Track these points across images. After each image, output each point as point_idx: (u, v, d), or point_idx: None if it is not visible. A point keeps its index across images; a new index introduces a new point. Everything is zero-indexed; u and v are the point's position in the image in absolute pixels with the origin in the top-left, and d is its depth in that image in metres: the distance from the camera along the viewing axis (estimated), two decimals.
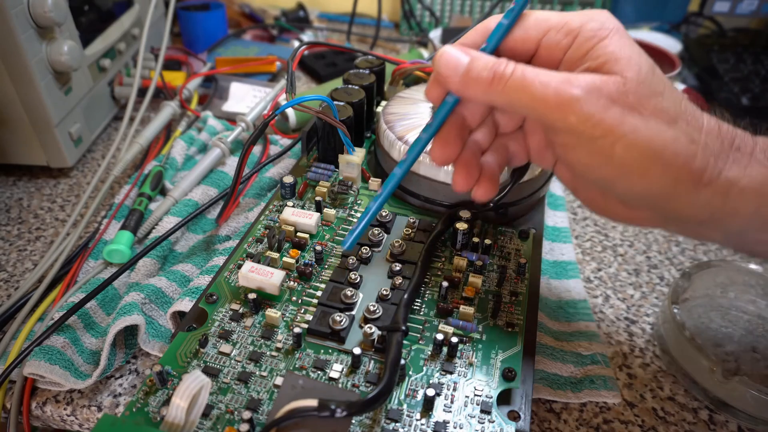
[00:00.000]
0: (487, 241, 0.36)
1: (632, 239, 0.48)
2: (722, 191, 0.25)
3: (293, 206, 0.39)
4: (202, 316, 0.32)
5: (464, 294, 0.33)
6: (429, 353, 0.30)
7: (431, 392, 0.27)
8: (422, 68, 0.49)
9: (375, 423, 0.27)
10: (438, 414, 0.27)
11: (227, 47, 0.79)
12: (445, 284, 0.33)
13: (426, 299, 0.33)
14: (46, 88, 0.48)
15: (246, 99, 0.65)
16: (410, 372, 0.29)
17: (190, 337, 0.30)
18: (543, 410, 0.34)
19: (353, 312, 0.32)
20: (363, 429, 0.26)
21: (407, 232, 0.37)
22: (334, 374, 0.29)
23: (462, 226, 0.36)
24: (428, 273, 0.35)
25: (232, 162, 0.52)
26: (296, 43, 0.83)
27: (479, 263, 0.35)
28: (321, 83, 0.72)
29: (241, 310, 0.32)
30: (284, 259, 0.35)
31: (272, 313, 0.31)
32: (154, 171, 0.49)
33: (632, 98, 0.25)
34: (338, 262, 0.35)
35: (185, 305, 0.34)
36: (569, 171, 0.31)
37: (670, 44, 0.73)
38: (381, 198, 0.31)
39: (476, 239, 0.36)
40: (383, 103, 0.51)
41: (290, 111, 0.57)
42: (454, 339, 0.30)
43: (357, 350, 0.29)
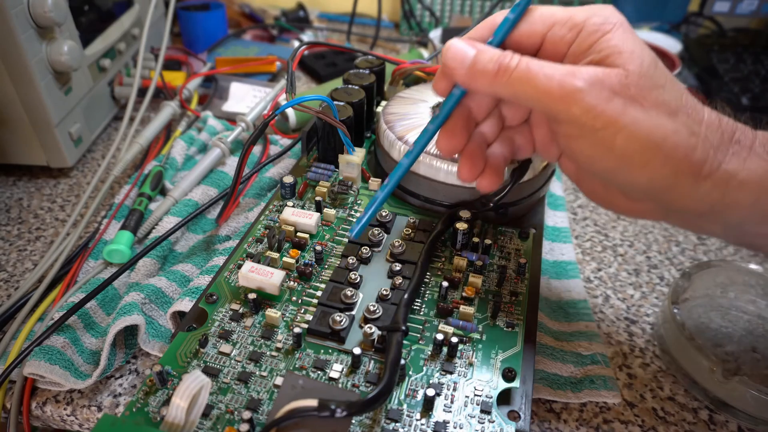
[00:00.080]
0: (487, 241, 0.36)
1: (632, 239, 0.48)
2: (722, 183, 0.26)
3: (293, 206, 0.39)
4: (202, 316, 0.32)
5: (464, 294, 0.33)
6: (429, 353, 0.30)
7: (431, 392, 0.27)
8: (422, 68, 0.49)
9: (375, 423, 0.27)
10: (438, 414, 0.27)
11: (227, 47, 0.79)
12: (445, 284, 0.33)
13: (426, 299, 0.33)
14: (46, 88, 0.48)
15: (246, 99, 0.65)
16: (410, 372, 0.29)
17: (190, 337, 0.30)
18: (543, 410, 0.34)
19: (353, 312, 0.32)
20: (363, 429, 0.26)
21: (407, 232, 0.37)
22: (334, 374, 0.29)
23: (462, 226, 0.36)
24: (428, 273, 0.35)
25: (232, 162, 0.52)
26: (296, 43, 0.83)
27: (479, 263, 0.35)
28: (321, 83, 0.72)
29: (241, 310, 0.32)
30: (284, 259, 0.35)
31: (272, 313, 0.31)
32: (154, 171, 0.49)
33: (634, 90, 0.25)
34: (338, 262, 0.35)
35: (185, 305, 0.34)
36: (573, 164, 0.31)
37: (670, 44, 0.73)
38: (389, 186, 0.31)
39: (476, 239, 0.36)
40: (383, 103, 0.51)
41: (290, 111, 0.57)
42: (454, 339, 0.30)
43: (357, 350, 0.29)
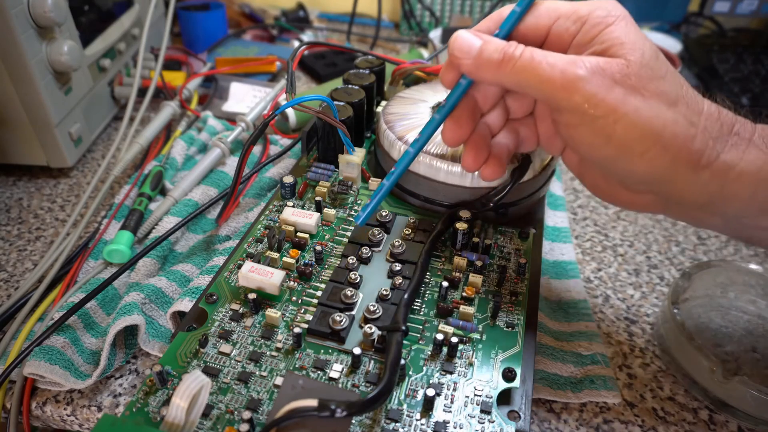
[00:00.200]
0: (487, 241, 0.36)
1: (632, 239, 0.48)
2: (720, 174, 0.26)
3: (293, 206, 0.39)
4: (202, 316, 0.32)
5: (464, 294, 0.33)
6: (429, 353, 0.30)
7: (431, 392, 0.27)
8: (422, 68, 0.49)
9: (375, 423, 0.27)
10: (438, 414, 0.27)
11: (227, 47, 0.79)
12: (445, 284, 0.33)
13: (426, 299, 0.33)
14: (46, 88, 0.48)
15: (246, 99, 0.65)
16: (410, 372, 0.29)
17: (190, 337, 0.30)
18: (543, 410, 0.34)
19: (353, 312, 0.32)
20: (363, 429, 0.26)
21: (407, 232, 0.37)
22: (334, 374, 0.29)
23: (462, 226, 0.36)
24: (428, 273, 0.35)
25: (232, 162, 0.52)
26: (296, 43, 0.83)
27: (479, 263, 0.35)
28: (321, 83, 0.72)
29: (241, 310, 0.32)
30: (284, 259, 0.35)
31: (272, 313, 0.31)
32: (154, 171, 0.49)
33: (634, 80, 0.26)
34: (338, 262, 0.35)
35: (185, 305, 0.34)
36: (576, 155, 0.32)
37: (670, 44, 0.73)
38: (395, 174, 0.32)
39: (476, 239, 0.36)
40: (383, 103, 0.51)
41: (290, 111, 0.57)
42: (454, 339, 0.30)
43: (357, 350, 0.29)
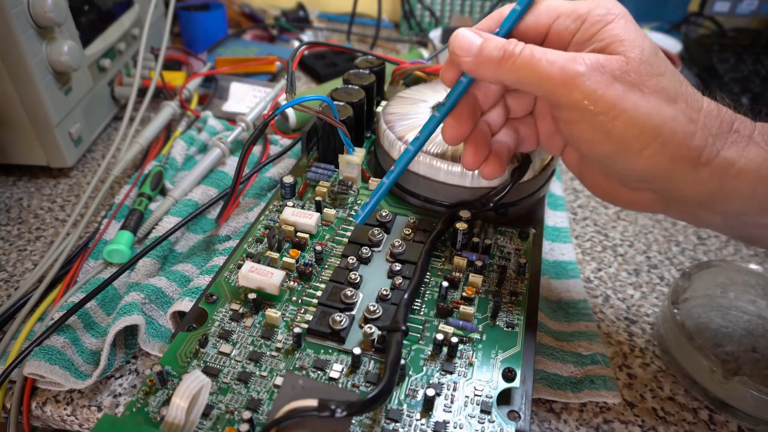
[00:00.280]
0: (487, 241, 0.36)
1: (632, 239, 0.48)
2: (720, 171, 0.26)
3: (293, 206, 0.39)
4: (202, 316, 0.32)
5: (464, 294, 0.33)
6: (429, 353, 0.30)
7: (431, 392, 0.27)
8: (422, 68, 0.49)
9: (375, 423, 0.27)
10: (438, 414, 0.27)
11: (227, 47, 0.79)
12: (445, 284, 0.33)
13: (426, 299, 0.33)
14: (46, 88, 0.48)
15: (246, 99, 0.65)
16: (410, 372, 0.29)
17: (190, 337, 0.30)
18: (543, 410, 0.34)
19: (353, 312, 0.32)
20: (363, 429, 0.26)
21: (407, 232, 0.37)
22: (334, 374, 0.29)
23: (462, 226, 0.36)
24: (428, 273, 0.35)
25: (232, 162, 0.52)
26: (296, 43, 0.83)
27: (479, 263, 0.35)
28: (321, 83, 0.72)
29: (241, 310, 0.32)
30: (284, 259, 0.35)
31: (272, 313, 0.31)
32: (154, 171, 0.49)
33: (634, 76, 0.26)
34: (338, 262, 0.35)
35: (185, 305, 0.34)
36: (575, 154, 0.32)
37: (670, 44, 0.73)
38: (395, 172, 0.32)
39: (476, 239, 0.36)
40: (383, 103, 0.51)
41: (290, 111, 0.57)
42: (454, 339, 0.30)
43: (357, 350, 0.29)
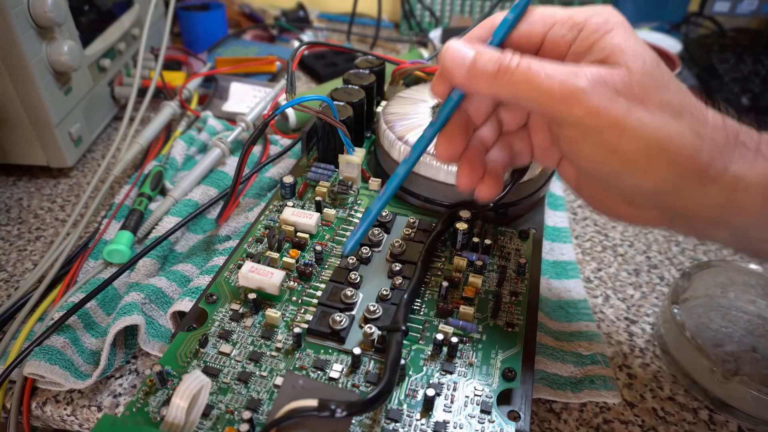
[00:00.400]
0: (487, 241, 0.36)
1: (632, 239, 0.48)
2: (729, 187, 0.25)
3: (293, 206, 0.39)
4: (202, 316, 0.32)
5: (464, 294, 0.33)
6: (429, 353, 0.30)
7: (431, 392, 0.27)
8: (422, 68, 0.49)
9: (375, 423, 0.27)
10: (438, 414, 0.27)
11: (227, 47, 0.79)
12: (445, 284, 0.33)
13: (426, 299, 0.33)
14: (46, 88, 0.48)
15: (246, 99, 0.65)
16: (410, 372, 0.29)
17: (190, 337, 0.30)
18: (543, 410, 0.34)
19: (353, 312, 0.32)
20: (363, 429, 0.26)
21: (407, 232, 0.37)
22: (334, 374, 0.29)
23: (462, 226, 0.36)
24: (428, 273, 0.35)
25: (232, 162, 0.52)
26: (296, 43, 0.83)
27: (479, 263, 0.35)
28: (321, 83, 0.72)
29: (241, 310, 0.32)
30: (284, 259, 0.35)
31: (272, 313, 0.31)
32: (154, 171, 0.49)
33: (637, 90, 0.25)
34: (338, 262, 0.35)
35: (185, 305, 0.34)
36: (573, 169, 0.31)
37: (670, 44, 0.73)
38: (383, 199, 0.30)
39: (476, 239, 0.36)
40: (383, 103, 0.51)
41: (290, 111, 0.57)
42: (454, 339, 0.30)
43: (357, 350, 0.29)
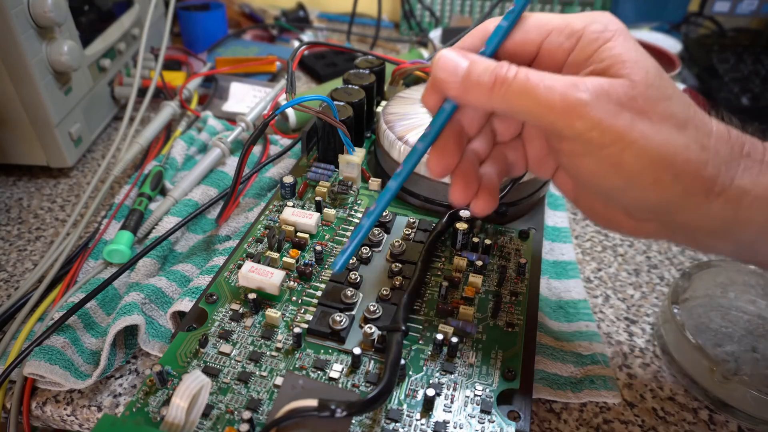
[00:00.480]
0: (487, 241, 0.36)
1: (632, 239, 0.48)
2: (734, 200, 0.25)
3: (293, 206, 0.39)
4: (202, 316, 0.32)
5: (464, 294, 0.33)
6: (429, 353, 0.30)
7: (431, 392, 0.27)
8: (422, 68, 0.49)
9: (375, 423, 0.27)
10: (438, 414, 0.27)
11: (227, 47, 0.79)
12: (445, 284, 0.33)
13: (426, 299, 0.33)
14: (46, 88, 0.48)
15: (246, 99, 0.65)
16: (410, 372, 0.29)
17: (190, 337, 0.30)
18: (543, 410, 0.34)
19: (353, 312, 0.32)
20: (363, 429, 0.26)
21: (407, 232, 0.37)
22: (334, 374, 0.29)
23: (462, 226, 0.36)
24: (428, 273, 0.35)
25: (232, 162, 0.52)
26: (296, 43, 0.83)
27: (479, 263, 0.35)
28: (321, 83, 0.72)
29: (241, 310, 0.32)
30: (284, 259, 0.35)
31: (272, 313, 0.31)
32: (154, 171, 0.49)
33: (641, 102, 0.24)
34: None
35: (185, 305, 0.34)
36: (570, 180, 0.30)
37: (670, 44, 0.73)
38: (374, 215, 0.29)
39: (476, 239, 0.36)
40: (383, 103, 0.51)
41: (290, 111, 0.57)
42: (454, 339, 0.30)
43: (357, 350, 0.29)
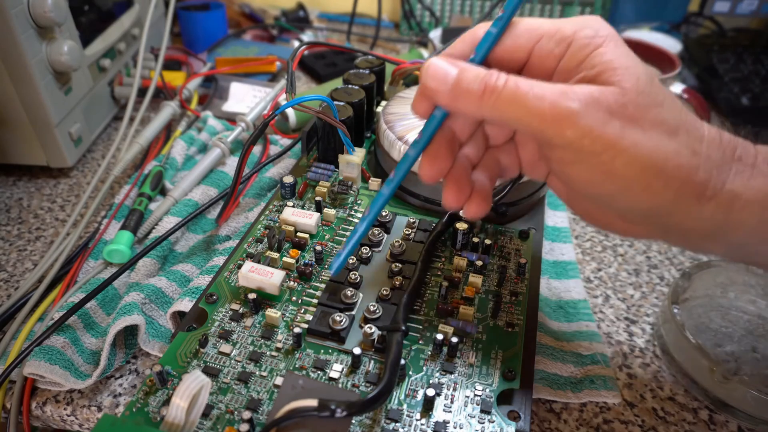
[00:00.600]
0: (487, 241, 0.36)
1: (632, 239, 0.48)
2: (726, 204, 0.25)
3: (293, 206, 0.39)
4: (202, 316, 0.32)
5: (464, 294, 0.33)
6: (429, 353, 0.30)
7: (431, 392, 0.27)
8: None
9: (375, 423, 0.27)
10: (438, 414, 0.27)
11: (227, 47, 0.79)
12: (445, 284, 0.33)
13: (426, 299, 0.33)
14: (46, 88, 0.48)
15: (246, 99, 0.65)
16: (410, 372, 0.29)
17: (190, 337, 0.30)
18: (543, 410, 0.34)
19: (353, 312, 0.32)
20: (363, 429, 0.26)
21: (407, 232, 0.37)
22: (334, 374, 0.29)
23: (462, 226, 0.36)
24: (428, 273, 0.35)
25: (232, 162, 0.52)
26: (296, 43, 0.83)
27: (479, 263, 0.35)
28: (321, 83, 0.72)
29: (241, 310, 0.32)
30: (284, 259, 0.35)
31: (272, 313, 0.31)
32: (154, 171, 0.49)
33: (632, 110, 0.24)
34: None
35: (185, 305, 0.34)
36: (564, 185, 0.30)
37: (670, 44, 0.73)
38: (368, 219, 0.29)
39: (476, 239, 0.36)
40: (383, 103, 0.51)
41: (290, 111, 0.57)
42: (454, 339, 0.30)
43: (357, 350, 0.29)
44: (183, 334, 0.31)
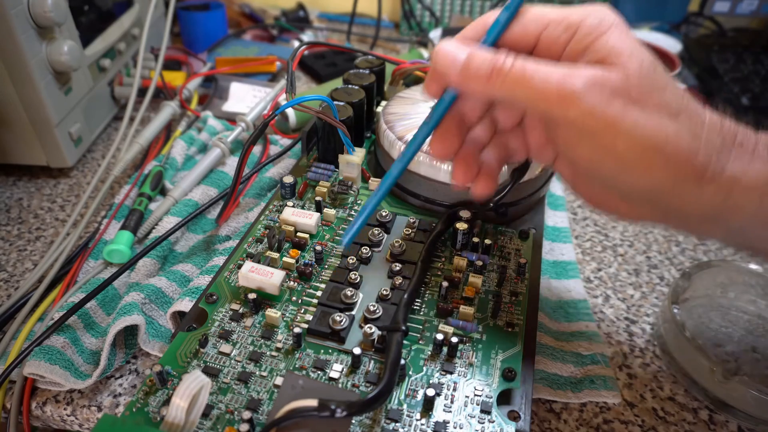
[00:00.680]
0: (487, 241, 0.36)
1: (632, 239, 0.48)
2: (725, 188, 0.25)
3: (293, 206, 0.39)
4: (202, 316, 0.32)
5: (464, 294, 0.33)
6: (429, 353, 0.30)
7: (431, 392, 0.27)
8: (422, 68, 0.49)
9: (375, 423, 0.27)
10: (438, 414, 0.27)
11: (227, 47, 0.79)
12: (445, 284, 0.33)
13: (426, 299, 0.33)
14: (46, 88, 0.48)
15: (246, 99, 0.65)
16: (410, 372, 0.29)
17: (190, 337, 0.30)
18: (543, 410, 0.34)
19: (353, 312, 0.32)
20: (363, 429, 0.26)
21: (407, 232, 0.37)
22: (334, 374, 0.29)
23: (462, 226, 0.36)
24: (428, 273, 0.35)
25: (232, 162, 0.52)
26: (296, 43, 0.83)
27: (479, 263, 0.35)
28: (321, 83, 0.72)
29: (241, 310, 0.32)
30: (284, 259, 0.35)
31: (272, 313, 0.31)
32: (154, 171, 0.49)
33: (634, 92, 0.25)
34: (338, 262, 0.35)
35: (185, 305, 0.34)
36: (570, 167, 0.31)
37: (670, 44, 0.73)
38: (378, 195, 0.30)
39: (476, 239, 0.36)
40: (383, 103, 0.51)
41: (290, 111, 0.57)
42: (454, 339, 0.30)
43: (357, 350, 0.29)
44: (183, 334, 0.31)
